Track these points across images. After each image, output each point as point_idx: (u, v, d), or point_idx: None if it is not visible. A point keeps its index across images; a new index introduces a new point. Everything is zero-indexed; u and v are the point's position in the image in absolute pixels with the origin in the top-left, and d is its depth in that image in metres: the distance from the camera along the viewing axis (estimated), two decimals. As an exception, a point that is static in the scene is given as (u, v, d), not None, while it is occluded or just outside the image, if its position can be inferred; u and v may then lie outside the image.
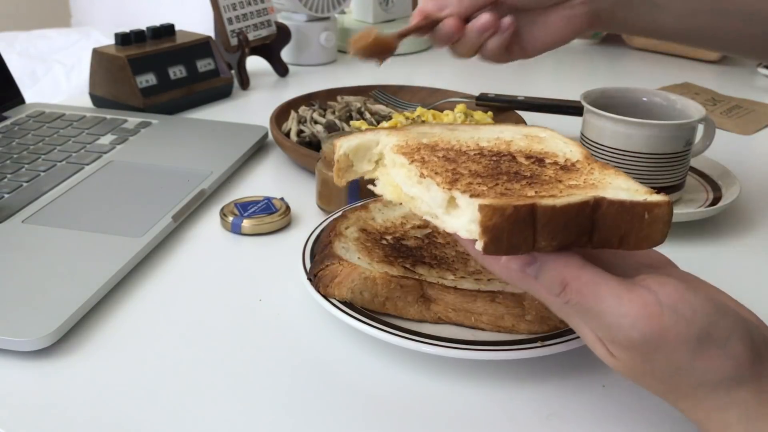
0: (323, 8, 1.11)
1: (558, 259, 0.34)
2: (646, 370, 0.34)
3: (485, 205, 0.33)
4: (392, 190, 0.43)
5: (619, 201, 0.35)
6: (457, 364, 0.45)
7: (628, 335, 0.33)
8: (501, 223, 0.33)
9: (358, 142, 0.44)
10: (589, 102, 0.63)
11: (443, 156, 0.42)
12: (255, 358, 0.46)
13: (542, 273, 0.35)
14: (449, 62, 1.24)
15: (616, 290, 0.33)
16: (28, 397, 0.42)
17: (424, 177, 0.39)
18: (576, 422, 0.41)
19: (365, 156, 0.45)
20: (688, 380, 0.34)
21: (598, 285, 0.33)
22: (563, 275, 0.34)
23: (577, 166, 0.42)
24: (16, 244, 0.56)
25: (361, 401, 0.43)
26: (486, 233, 0.33)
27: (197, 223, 0.63)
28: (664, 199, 0.35)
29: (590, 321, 0.34)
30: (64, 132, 0.78)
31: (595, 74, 1.19)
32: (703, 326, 0.33)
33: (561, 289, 0.34)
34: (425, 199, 0.39)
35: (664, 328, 0.32)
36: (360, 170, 0.45)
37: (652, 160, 0.60)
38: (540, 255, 0.35)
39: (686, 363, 0.33)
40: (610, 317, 0.33)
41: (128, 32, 0.89)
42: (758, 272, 0.58)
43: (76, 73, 1.76)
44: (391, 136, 0.45)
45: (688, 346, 0.33)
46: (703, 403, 0.34)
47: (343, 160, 0.44)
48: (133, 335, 0.48)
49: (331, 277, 0.47)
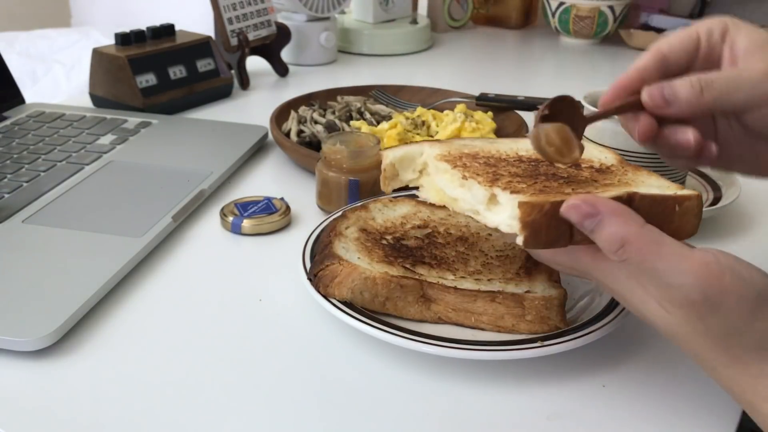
0: (323, 8, 1.11)
1: (620, 215, 0.34)
2: (700, 329, 0.34)
3: (524, 202, 0.34)
4: (435, 194, 0.45)
5: (650, 195, 0.36)
6: (457, 364, 0.45)
7: (687, 294, 0.33)
8: (539, 219, 0.34)
9: (403, 153, 0.47)
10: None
11: (484, 162, 0.45)
12: (255, 358, 0.46)
13: (600, 229, 0.34)
14: (449, 62, 1.25)
15: (678, 250, 0.34)
16: (28, 397, 0.42)
17: (466, 179, 0.42)
18: (576, 422, 0.41)
19: (410, 166, 0.48)
20: (741, 343, 0.33)
21: (659, 244, 0.34)
22: (624, 232, 0.34)
23: (611, 169, 0.44)
24: (16, 244, 0.56)
25: (361, 401, 0.43)
26: (525, 228, 0.35)
27: (197, 223, 0.63)
28: (694, 193, 0.37)
29: (648, 279, 0.34)
30: (64, 132, 0.78)
31: (595, 74, 1.19)
32: (761, 287, 0.33)
33: (620, 246, 0.34)
34: (467, 198, 0.42)
35: (724, 288, 0.33)
36: (405, 179, 0.48)
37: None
38: (602, 206, 0.34)
39: (744, 324, 0.33)
40: (671, 276, 0.33)
41: (128, 32, 0.89)
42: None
43: (76, 73, 1.76)
44: (434, 147, 0.47)
45: (748, 305, 0.33)
46: (751, 368, 0.34)
47: (389, 169, 0.47)
48: (133, 335, 0.48)
49: (331, 277, 0.47)
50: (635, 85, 0.41)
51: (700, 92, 0.39)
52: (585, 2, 1.27)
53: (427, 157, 0.47)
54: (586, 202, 0.34)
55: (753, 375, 0.34)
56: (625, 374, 0.45)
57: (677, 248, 0.34)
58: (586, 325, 0.45)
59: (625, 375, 0.45)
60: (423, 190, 0.47)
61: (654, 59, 0.41)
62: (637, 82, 0.41)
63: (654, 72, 0.41)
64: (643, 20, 1.37)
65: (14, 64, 1.34)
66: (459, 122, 0.74)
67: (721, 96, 0.39)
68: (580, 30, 1.30)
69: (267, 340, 0.48)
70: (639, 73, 0.41)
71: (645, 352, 0.47)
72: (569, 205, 0.34)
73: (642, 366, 0.46)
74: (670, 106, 0.39)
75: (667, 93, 0.39)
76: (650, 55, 0.41)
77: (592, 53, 1.30)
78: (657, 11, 1.39)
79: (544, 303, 0.45)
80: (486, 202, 0.40)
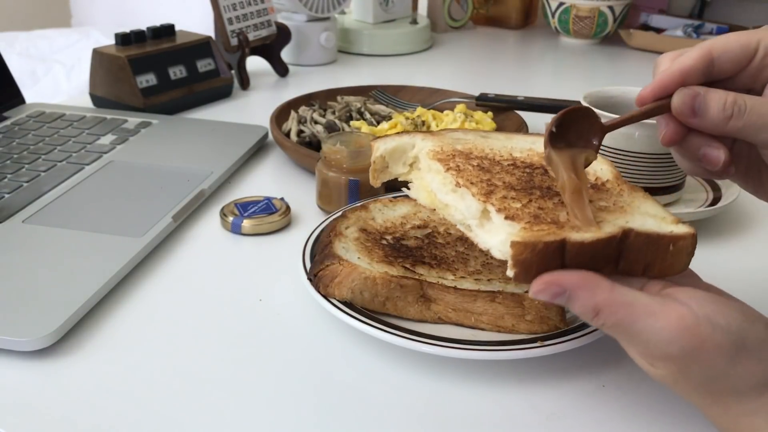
0: (323, 8, 1.11)
1: (586, 287, 0.34)
2: (682, 378, 0.35)
3: (517, 242, 0.34)
4: (426, 195, 0.44)
5: (645, 233, 0.36)
6: (457, 364, 0.45)
7: (665, 350, 0.34)
8: (531, 258, 0.34)
9: (395, 144, 0.46)
10: (589, 102, 0.63)
11: (478, 165, 0.43)
12: (255, 358, 0.46)
13: (572, 303, 0.34)
14: (449, 62, 1.25)
15: (649, 308, 0.34)
16: (28, 397, 0.42)
17: (460, 186, 0.41)
18: (576, 422, 0.41)
19: (401, 158, 0.46)
20: (721, 387, 0.34)
21: (631, 306, 0.34)
22: (594, 302, 0.34)
23: (607, 186, 0.43)
24: (16, 244, 0.56)
25: (360, 401, 0.43)
26: (517, 266, 0.34)
27: (197, 223, 0.63)
28: (690, 231, 0.37)
29: (626, 340, 0.35)
30: (64, 132, 0.78)
31: (595, 74, 1.19)
32: (738, 335, 0.33)
33: (594, 314, 0.34)
34: (459, 207, 0.41)
35: (701, 340, 0.33)
36: (395, 172, 0.47)
37: (652, 160, 0.60)
38: (567, 283, 0.34)
39: (722, 371, 0.34)
40: (647, 335, 0.34)
41: (128, 32, 0.89)
42: (758, 272, 0.58)
43: (76, 73, 1.76)
44: (427, 140, 0.46)
45: (725, 354, 0.33)
46: (732, 408, 0.35)
47: (379, 161, 0.46)
48: (133, 335, 0.48)
49: (331, 277, 0.47)
50: (675, 86, 0.39)
51: (729, 117, 0.38)
52: (585, 2, 1.27)
53: (418, 151, 0.46)
54: (552, 282, 0.34)
55: (734, 415, 0.35)
56: (625, 374, 0.45)
57: (649, 306, 0.34)
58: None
59: (625, 375, 0.45)
60: (413, 189, 0.46)
61: (702, 62, 0.39)
62: (678, 83, 0.39)
63: (698, 76, 0.39)
64: (642, 20, 1.37)
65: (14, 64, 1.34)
66: (459, 122, 0.74)
67: (746, 128, 0.38)
68: (580, 30, 1.30)
69: (267, 340, 0.48)
70: (682, 74, 0.39)
71: (645, 352, 0.47)
72: (537, 289, 0.34)
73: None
74: (696, 117, 0.38)
75: (697, 105, 0.38)
76: (698, 57, 0.39)
77: (592, 53, 1.30)
78: (657, 11, 1.39)
79: (543, 303, 0.45)
80: (479, 216, 0.39)
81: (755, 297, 0.41)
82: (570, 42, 1.35)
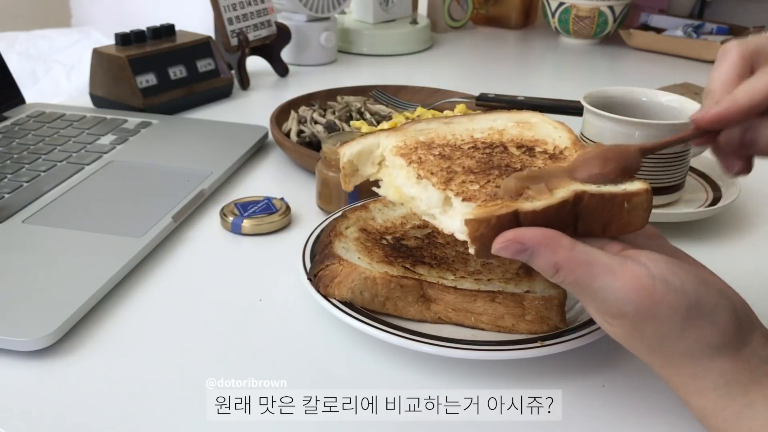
0: (323, 8, 1.11)
1: (548, 245, 0.35)
2: (637, 336, 0.36)
3: (470, 219, 0.35)
4: (394, 191, 0.44)
5: (599, 194, 0.36)
6: (457, 364, 0.45)
7: (621, 308, 0.35)
8: (487, 233, 0.35)
9: (360, 147, 0.46)
10: (589, 102, 0.63)
11: (439, 153, 0.44)
12: (255, 358, 0.46)
13: (534, 260, 0.35)
14: (449, 62, 1.25)
15: (608, 266, 0.35)
16: (28, 397, 0.42)
17: (421, 178, 0.41)
18: (576, 422, 0.41)
19: (368, 159, 0.46)
20: (673, 348, 0.35)
21: (591, 265, 0.35)
22: (555, 259, 0.35)
23: (564, 154, 0.43)
24: (16, 244, 0.56)
25: (360, 401, 0.43)
26: (475, 242, 0.35)
27: (197, 223, 0.63)
28: (643, 187, 0.37)
29: (586, 297, 0.36)
30: (64, 132, 0.78)
31: (595, 74, 1.19)
32: (692, 297, 0.34)
33: (555, 271, 0.35)
34: (423, 198, 0.41)
35: (655, 300, 0.34)
36: (365, 173, 0.47)
37: (652, 160, 0.60)
38: (528, 240, 0.35)
39: (675, 332, 0.35)
40: (605, 293, 0.35)
41: (128, 32, 0.89)
42: (758, 272, 0.58)
43: (76, 73, 1.76)
44: (390, 137, 0.46)
45: (679, 315, 0.34)
46: (681, 369, 0.36)
47: (348, 166, 0.46)
48: (133, 335, 0.48)
49: (331, 277, 0.47)
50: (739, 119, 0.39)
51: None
52: (585, 2, 1.27)
53: (383, 149, 0.46)
54: (514, 240, 0.35)
55: (684, 375, 0.36)
56: (625, 374, 0.45)
57: (608, 265, 0.35)
58: (586, 325, 0.45)
59: (625, 375, 0.45)
60: (383, 187, 0.46)
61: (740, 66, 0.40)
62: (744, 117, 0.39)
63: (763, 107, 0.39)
64: (642, 20, 1.37)
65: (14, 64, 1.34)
66: (459, 122, 0.74)
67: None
68: (580, 30, 1.30)
69: (267, 340, 0.48)
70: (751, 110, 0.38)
71: (645, 352, 0.47)
72: (499, 246, 0.35)
73: (642, 366, 0.46)
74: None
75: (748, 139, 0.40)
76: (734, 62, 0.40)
77: (592, 53, 1.30)
78: (657, 11, 1.39)
79: (543, 303, 0.45)
80: (441, 204, 0.40)
81: (755, 297, 0.41)
82: (570, 42, 1.35)
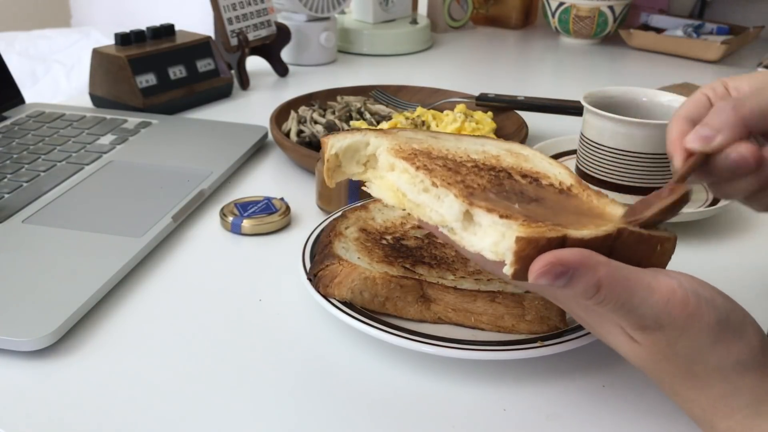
0: (323, 8, 1.11)
1: (588, 263, 0.34)
2: (668, 354, 0.35)
3: (522, 237, 0.33)
4: (393, 195, 0.42)
5: (638, 233, 0.36)
6: (457, 364, 0.45)
7: (658, 321, 0.34)
8: (533, 254, 0.34)
9: (349, 142, 0.44)
10: (589, 102, 0.63)
11: (444, 165, 0.42)
12: (255, 358, 0.46)
13: (574, 281, 0.34)
14: (449, 62, 1.25)
15: (644, 281, 0.34)
16: (28, 397, 0.42)
17: (437, 186, 0.39)
18: (576, 422, 0.41)
19: (354, 157, 0.44)
20: (704, 364, 0.35)
21: (628, 280, 0.34)
22: (597, 277, 0.34)
23: (573, 192, 0.42)
24: (16, 244, 0.56)
25: (360, 401, 0.43)
26: (518, 262, 0.34)
27: (197, 223, 0.63)
28: (673, 235, 0.37)
29: (622, 314, 0.35)
30: (64, 132, 0.78)
31: (595, 74, 1.19)
32: (722, 311, 0.34)
33: (596, 291, 0.34)
34: (436, 208, 0.39)
35: (690, 312, 0.34)
36: (349, 171, 0.44)
37: (652, 160, 0.60)
38: (570, 261, 0.33)
39: (707, 346, 0.34)
40: (642, 308, 0.34)
41: (128, 32, 0.89)
42: (757, 272, 0.58)
43: (76, 73, 1.76)
44: (381, 138, 0.44)
45: (710, 328, 0.34)
46: (712, 389, 0.35)
47: (333, 159, 0.43)
48: (133, 335, 0.48)
49: (331, 277, 0.47)
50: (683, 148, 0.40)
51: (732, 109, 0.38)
52: (585, 2, 1.27)
53: (374, 149, 0.43)
54: (555, 262, 0.33)
55: (713, 396, 0.35)
56: (625, 374, 0.45)
57: (643, 279, 0.34)
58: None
59: (625, 375, 0.45)
60: (376, 189, 0.42)
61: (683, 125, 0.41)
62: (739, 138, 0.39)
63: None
64: (643, 20, 1.37)
65: (14, 64, 1.34)
66: (459, 122, 0.74)
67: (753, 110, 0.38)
68: (580, 30, 1.30)
69: (267, 340, 0.48)
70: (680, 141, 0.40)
71: (645, 352, 0.47)
72: (541, 270, 0.33)
73: (642, 366, 0.46)
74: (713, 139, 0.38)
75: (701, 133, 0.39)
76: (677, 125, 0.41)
77: (592, 53, 1.30)
78: (657, 11, 1.39)
79: (543, 303, 0.45)
80: (461, 219, 0.37)
81: (755, 297, 0.41)
82: (570, 42, 1.35)
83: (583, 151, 0.65)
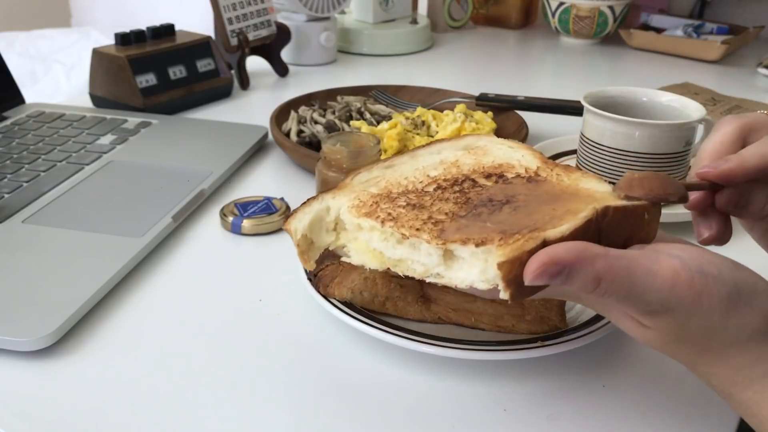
0: (323, 8, 1.11)
1: (584, 257, 0.33)
2: (681, 335, 0.35)
3: (503, 261, 0.32)
4: (372, 257, 0.39)
5: (622, 207, 0.35)
6: (457, 364, 0.45)
7: (666, 305, 0.33)
8: (520, 271, 0.33)
9: (310, 217, 0.41)
10: (589, 102, 0.63)
11: (407, 204, 0.39)
12: (255, 358, 0.46)
13: (572, 278, 0.33)
14: (449, 62, 1.25)
15: (644, 266, 0.33)
16: (28, 397, 0.42)
17: (407, 237, 0.37)
18: (576, 422, 0.41)
19: (321, 227, 0.41)
20: (720, 340, 0.34)
21: (628, 269, 0.33)
22: (595, 270, 0.33)
23: (541, 175, 0.40)
24: (16, 244, 0.56)
25: (360, 401, 0.43)
26: (510, 285, 0.33)
27: (197, 223, 0.63)
28: None
29: (626, 303, 0.34)
30: (64, 132, 0.78)
31: (595, 74, 1.19)
32: (730, 284, 0.34)
33: (596, 285, 0.33)
34: (415, 259, 0.37)
35: (696, 291, 0.33)
36: (322, 243, 0.41)
37: (652, 160, 0.60)
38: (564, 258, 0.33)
39: (720, 322, 0.34)
40: (647, 295, 0.33)
41: (128, 32, 0.89)
42: (757, 272, 0.58)
43: (76, 73, 1.76)
44: (338, 197, 0.41)
45: (721, 304, 0.33)
46: (730, 361, 0.35)
47: (302, 242, 0.40)
48: (133, 335, 0.48)
49: (331, 277, 0.47)
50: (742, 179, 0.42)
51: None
52: (585, 2, 1.27)
53: (336, 211, 0.40)
54: (549, 261, 0.32)
55: (732, 368, 0.35)
56: (625, 374, 0.45)
57: (644, 265, 0.33)
58: (586, 325, 0.45)
59: (625, 375, 0.45)
60: (355, 255, 0.39)
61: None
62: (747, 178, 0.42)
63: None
64: (643, 20, 1.37)
65: (14, 64, 1.34)
66: (459, 122, 0.74)
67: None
68: (580, 30, 1.30)
69: (267, 340, 0.48)
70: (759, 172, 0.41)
71: (645, 352, 0.47)
72: (535, 273, 0.32)
73: (642, 366, 0.46)
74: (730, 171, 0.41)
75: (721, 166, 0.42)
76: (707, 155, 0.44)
77: (592, 53, 1.30)
78: (657, 11, 1.39)
79: (543, 303, 0.45)
80: (442, 261, 0.36)
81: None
82: (570, 42, 1.35)
83: (583, 151, 0.65)
